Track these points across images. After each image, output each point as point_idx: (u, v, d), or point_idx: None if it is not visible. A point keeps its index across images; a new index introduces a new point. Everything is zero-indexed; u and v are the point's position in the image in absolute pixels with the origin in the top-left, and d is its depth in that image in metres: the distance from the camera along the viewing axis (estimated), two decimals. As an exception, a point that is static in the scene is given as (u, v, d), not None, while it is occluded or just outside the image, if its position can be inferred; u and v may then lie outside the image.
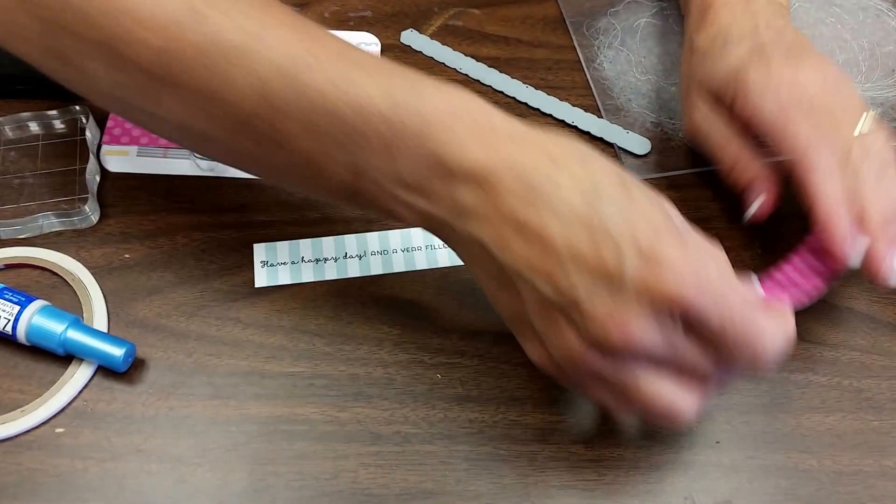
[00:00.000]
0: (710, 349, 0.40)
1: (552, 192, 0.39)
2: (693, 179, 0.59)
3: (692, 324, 0.38)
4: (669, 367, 0.40)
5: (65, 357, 0.50)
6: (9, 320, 0.49)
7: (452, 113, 0.40)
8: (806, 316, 0.53)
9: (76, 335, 0.49)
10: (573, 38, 0.66)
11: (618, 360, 0.40)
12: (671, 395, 0.40)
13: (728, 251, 0.54)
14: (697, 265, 0.38)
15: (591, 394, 0.43)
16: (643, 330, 0.38)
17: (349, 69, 0.41)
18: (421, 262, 0.55)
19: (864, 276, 0.48)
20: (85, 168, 0.56)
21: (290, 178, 0.46)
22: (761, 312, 0.39)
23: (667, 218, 0.39)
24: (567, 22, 0.67)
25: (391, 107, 0.40)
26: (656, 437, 0.49)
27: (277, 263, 0.55)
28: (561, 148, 0.40)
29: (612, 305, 0.38)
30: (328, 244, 0.56)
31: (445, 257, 0.55)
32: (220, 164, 0.58)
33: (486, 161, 0.39)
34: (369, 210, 0.45)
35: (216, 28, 0.41)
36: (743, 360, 0.40)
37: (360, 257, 0.55)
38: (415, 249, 0.56)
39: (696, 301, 0.37)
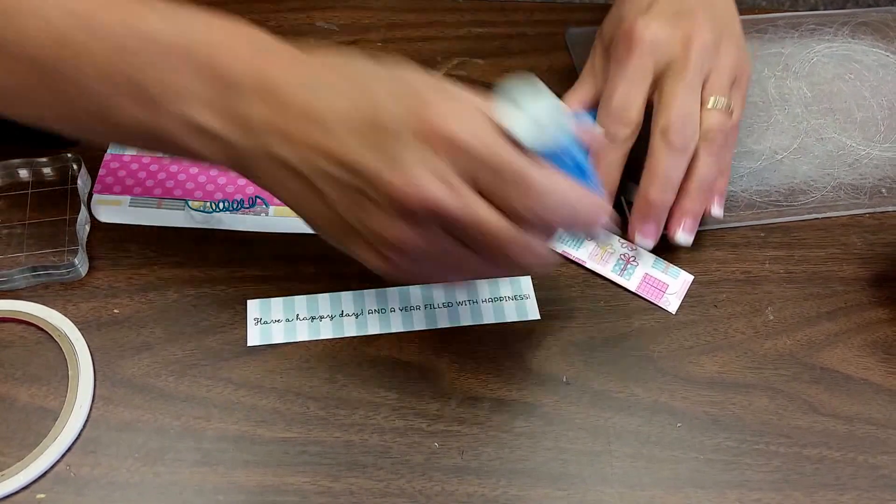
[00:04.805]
0: (493, 198, 0.40)
1: (328, 92, 0.40)
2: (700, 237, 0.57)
3: (474, 177, 0.39)
4: (470, 227, 0.40)
5: (47, 419, 0.48)
6: None
7: (229, 33, 0.42)
8: (819, 388, 0.51)
9: None
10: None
11: (428, 228, 0.40)
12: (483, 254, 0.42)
13: (738, 316, 0.53)
14: (463, 107, 0.40)
15: (434, 274, 0.45)
16: (430, 184, 0.38)
17: (139, 8, 0.43)
18: (419, 322, 0.53)
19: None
20: (75, 218, 0.55)
21: (90, 125, 0.45)
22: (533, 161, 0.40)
23: (422, 75, 0.41)
24: (578, 69, 0.66)
25: (176, 35, 0.42)
26: (663, 513, 0.47)
27: (271, 321, 0.53)
28: (324, 55, 0.42)
29: (397, 166, 0.39)
30: (324, 301, 0.54)
31: (445, 317, 0.53)
32: (216, 217, 0.56)
33: (265, 69, 0.41)
34: (173, 152, 0.45)
35: None
36: (530, 207, 0.40)
37: (357, 315, 0.53)
38: (413, 308, 0.54)
39: (463, 134, 0.38)
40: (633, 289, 0.55)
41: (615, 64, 0.55)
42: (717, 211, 0.56)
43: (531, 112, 0.39)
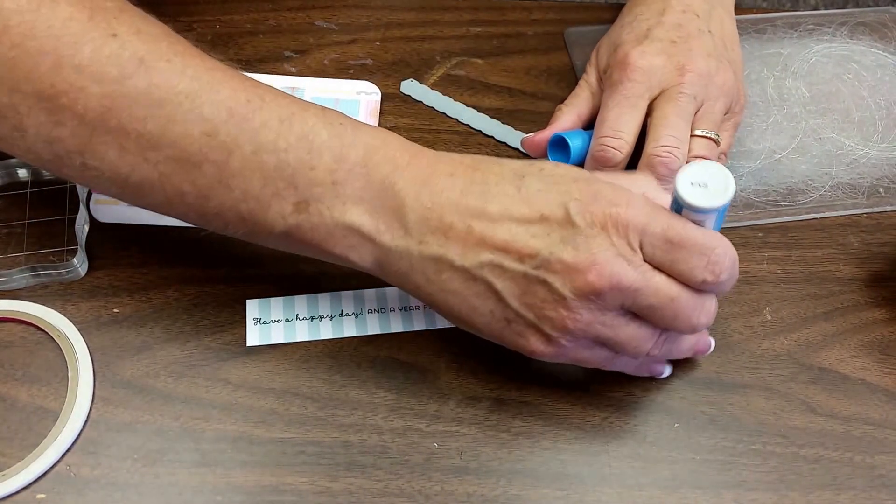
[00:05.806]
0: (672, 269, 0.42)
1: (485, 189, 0.44)
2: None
3: (647, 250, 0.42)
4: (651, 296, 0.42)
5: (47, 419, 0.48)
6: None
7: (382, 138, 0.45)
8: (816, 388, 0.51)
9: None
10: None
11: (607, 307, 0.42)
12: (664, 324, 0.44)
13: (736, 316, 0.54)
14: (628, 193, 0.43)
15: (590, 358, 0.46)
16: (613, 262, 0.41)
17: (291, 107, 0.44)
18: (419, 323, 0.53)
19: None
20: (74, 218, 0.55)
21: (226, 219, 0.45)
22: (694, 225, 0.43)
23: (583, 172, 0.45)
24: (576, 69, 0.66)
25: (333, 136, 0.43)
26: (661, 513, 0.47)
27: (271, 321, 0.53)
28: (471, 158, 0.46)
29: (577, 250, 0.41)
30: (324, 301, 0.54)
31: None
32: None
33: (420, 172, 0.44)
34: (304, 249, 0.46)
35: (160, 74, 0.42)
36: (701, 267, 0.42)
37: (357, 315, 0.54)
38: (412, 308, 0.54)
39: (637, 217, 0.42)
40: None
41: (610, 89, 0.56)
42: None
43: (709, 184, 0.42)
